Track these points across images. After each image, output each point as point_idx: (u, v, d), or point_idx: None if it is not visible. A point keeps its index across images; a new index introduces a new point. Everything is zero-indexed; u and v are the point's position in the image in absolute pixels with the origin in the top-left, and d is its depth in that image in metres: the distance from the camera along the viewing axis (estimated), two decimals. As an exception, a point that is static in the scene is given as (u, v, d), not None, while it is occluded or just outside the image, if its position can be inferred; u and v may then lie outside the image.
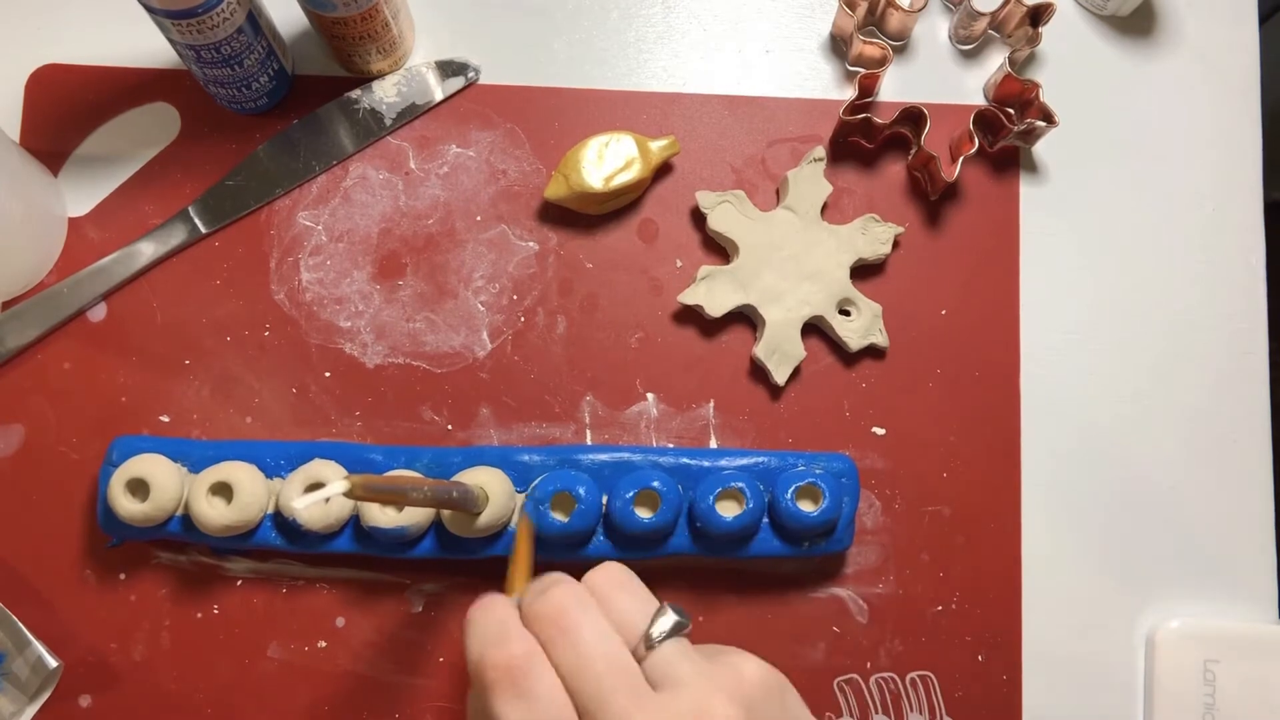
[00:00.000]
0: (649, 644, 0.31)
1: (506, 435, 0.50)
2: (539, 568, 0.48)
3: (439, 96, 0.53)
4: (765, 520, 0.46)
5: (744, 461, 0.47)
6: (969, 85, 0.54)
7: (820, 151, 0.51)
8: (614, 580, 0.34)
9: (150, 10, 0.43)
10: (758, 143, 0.53)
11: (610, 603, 0.33)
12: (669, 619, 0.32)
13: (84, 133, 0.52)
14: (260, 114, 0.52)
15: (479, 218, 0.52)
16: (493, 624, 0.32)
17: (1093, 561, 0.50)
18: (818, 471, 0.46)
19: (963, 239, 0.52)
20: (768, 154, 0.53)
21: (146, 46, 0.52)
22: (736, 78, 0.54)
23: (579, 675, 0.30)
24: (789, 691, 0.33)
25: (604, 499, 0.46)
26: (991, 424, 0.51)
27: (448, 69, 0.53)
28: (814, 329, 0.51)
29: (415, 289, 0.51)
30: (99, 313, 0.50)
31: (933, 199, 0.53)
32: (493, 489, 0.44)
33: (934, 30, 0.55)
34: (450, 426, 0.50)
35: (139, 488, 0.45)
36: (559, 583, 0.33)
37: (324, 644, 0.48)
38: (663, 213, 0.52)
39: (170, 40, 0.46)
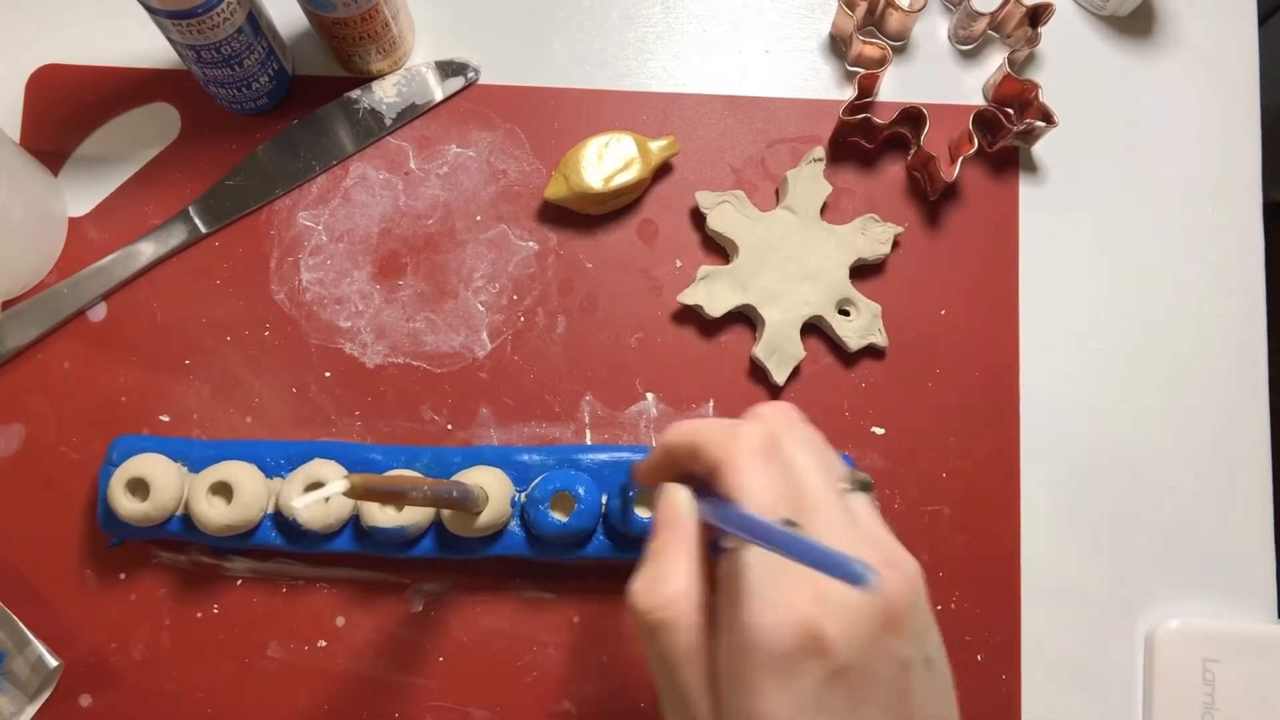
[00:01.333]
0: (846, 488, 0.33)
1: (506, 435, 0.50)
2: (538, 566, 0.48)
3: (439, 96, 0.53)
4: (765, 520, 0.46)
5: (744, 461, 0.47)
6: (968, 85, 0.54)
7: (820, 151, 0.51)
8: (818, 434, 0.34)
9: (150, 10, 0.43)
10: (757, 143, 0.53)
11: (818, 438, 0.34)
12: (864, 480, 0.33)
13: (84, 133, 0.52)
14: (260, 114, 0.52)
15: (479, 218, 0.52)
16: (731, 421, 0.33)
17: (1092, 561, 0.50)
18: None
19: (962, 239, 0.52)
20: (767, 154, 0.53)
21: (146, 46, 0.52)
22: (736, 78, 0.54)
23: (804, 474, 0.31)
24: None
25: (604, 499, 0.46)
26: (991, 424, 0.51)
27: (448, 69, 0.53)
28: (813, 329, 0.51)
29: (415, 289, 0.51)
30: (99, 313, 0.51)
31: (932, 199, 0.53)
32: (492, 489, 0.44)
33: (933, 30, 0.55)
34: (450, 426, 0.50)
35: (139, 487, 0.45)
36: (783, 402, 0.35)
37: (324, 643, 0.48)
38: (662, 213, 0.52)
39: (170, 40, 0.46)
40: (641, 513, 0.45)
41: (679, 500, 0.33)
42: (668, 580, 0.31)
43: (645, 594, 0.31)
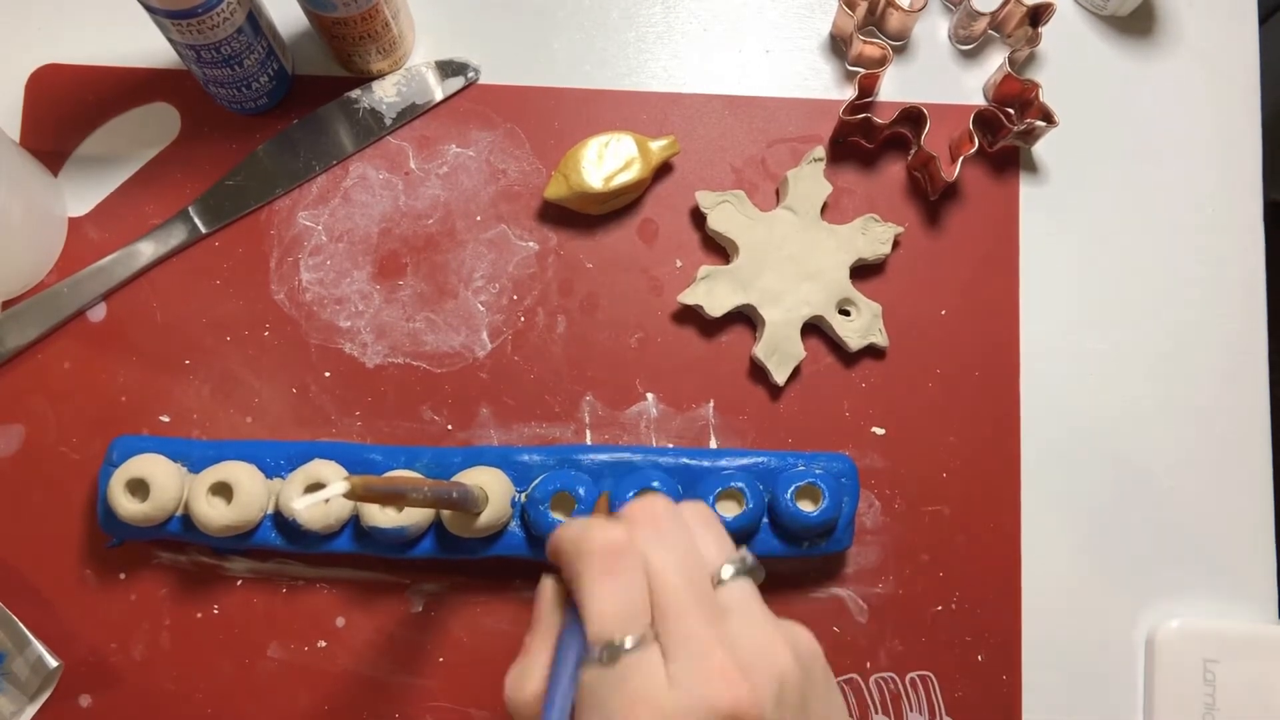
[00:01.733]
0: (722, 578, 0.32)
1: (506, 435, 0.50)
2: (538, 567, 0.48)
3: (439, 96, 0.53)
4: (765, 520, 0.46)
5: (744, 461, 0.47)
6: (969, 85, 0.54)
7: (820, 151, 0.51)
8: (702, 514, 0.34)
9: (150, 10, 0.43)
10: (757, 143, 0.53)
11: (696, 530, 0.33)
12: (748, 560, 0.33)
13: (84, 133, 0.52)
14: (260, 114, 0.52)
15: (479, 218, 0.52)
16: (591, 521, 0.33)
17: (1093, 561, 0.50)
18: (817, 471, 0.46)
19: (962, 239, 0.52)
20: (768, 154, 0.53)
21: (146, 46, 0.52)
22: (736, 78, 0.54)
23: (661, 576, 0.31)
24: (830, 673, 0.33)
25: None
26: (991, 424, 0.51)
27: (448, 69, 0.53)
28: (814, 329, 0.51)
29: (415, 289, 0.51)
30: (99, 313, 0.50)
31: (932, 199, 0.53)
32: (492, 489, 0.44)
33: (934, 30, 0.55)
34: (450, 426, 0.50)
35: (139, 488, 0.45)
36: (656, 494, 0.34)
37: (324, 644, 0.48)
38: (663, 213, 0.52)
39: (170, 40, 0.46)
40: (721, 510, 0.45)
41: (546, 598, 0.33)
42: (530, 678, 0.31)
43: (511, 688, 0.32)
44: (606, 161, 0.50)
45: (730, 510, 0.45)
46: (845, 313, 0.51)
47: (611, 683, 0.29)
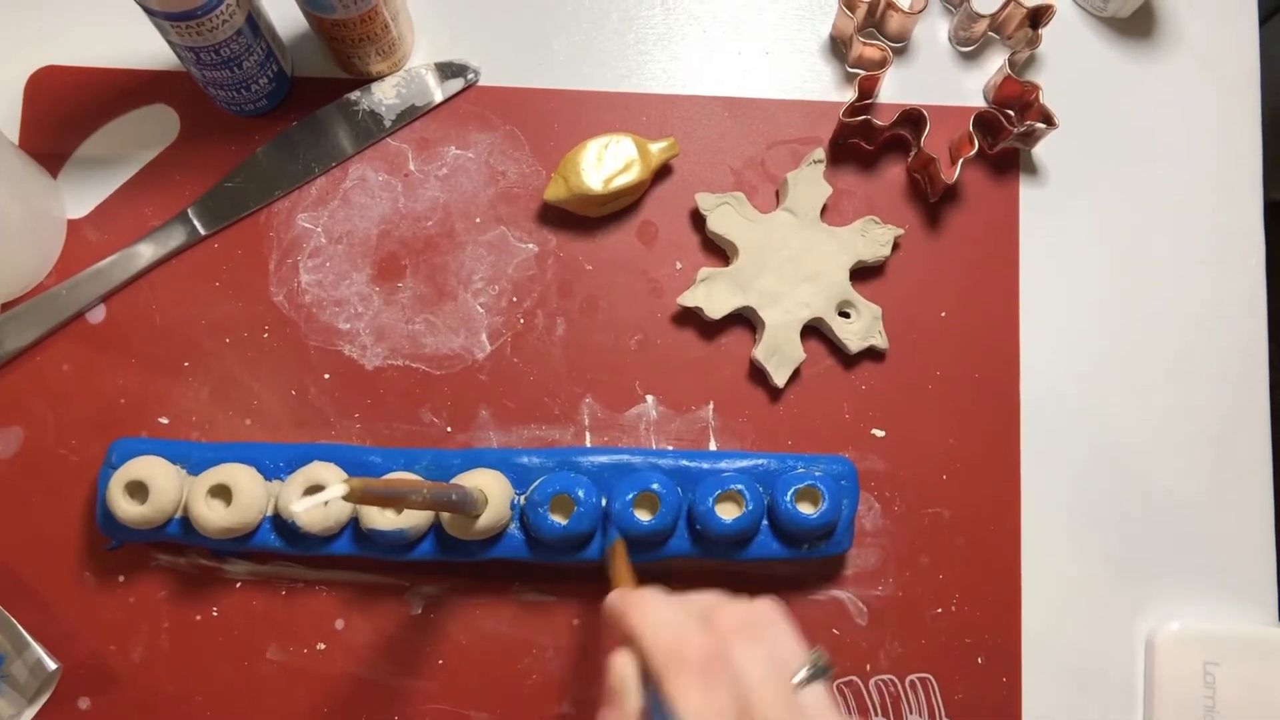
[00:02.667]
0: (801, 678, 0.32)
1: (506, 437, 0.50)
2: (537, 569, 0.48)
3: (438, 98, 0.53)
4: (765, 522, 0.46)
5: (743, 464, 0.47)
6: (969, 87, 0.54)
7: (820, 153, 0.51)
8: (774, 614, 0.35)
9: (150, 12, 0.43)
10: (757, 144, 0.53)
11: (772, 631, 0.34)
12: (822, 663, 0.33)
13: (84, 134, 0.52)
14: (260, 116, 0.52)
15: (478, 219, 0.52)
16: (674, 616, 0.33)
17: (1092, 563, 0.50)
18: (817, 474, 0.46)
19: (963, 241, 0.52)
20: (767, 156, 0.53)
21: (146, 48, 0.52)
22: (736, 79, 0.54)
23: (751, 689, 0.31)
24: None
25: (603, 501, 0.46)
26: (991, 426, 0.51)
27: (447, 70, 0.53)
28: (813, 331, 0.51)
29: (414, 291, 0.51)
30: (98, 315, 0.50)
31: (932, 201, 0.53)
32: (491, 491, 0.44)
33: (934, 32, 0.55)
34: (449, 429, 0.50)
35: (138, 490, 0.45)
36: (738, 601, 0.35)
37: (323, 646, 0.48)
38: (662, 215, 0.52)
39: (170, 42, 0.46)
40: (720, 513, 0.45)
41: (624, 680, 0.34)
42: None
43: None
44: (606, 163, 0.50)
45: (730, 512, 0.45)
46: (845, 315, 0.51)
47: None
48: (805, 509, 0.45)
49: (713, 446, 0.50)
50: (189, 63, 0.47)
